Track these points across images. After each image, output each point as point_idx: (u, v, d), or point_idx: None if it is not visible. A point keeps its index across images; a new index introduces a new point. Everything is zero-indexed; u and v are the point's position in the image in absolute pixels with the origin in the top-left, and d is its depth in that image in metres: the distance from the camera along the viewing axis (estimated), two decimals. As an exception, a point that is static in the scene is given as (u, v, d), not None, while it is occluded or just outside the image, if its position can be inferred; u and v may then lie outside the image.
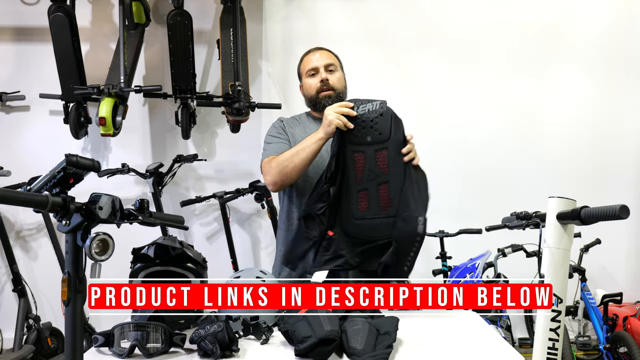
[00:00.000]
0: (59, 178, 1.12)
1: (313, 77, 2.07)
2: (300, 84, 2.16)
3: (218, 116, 3.74)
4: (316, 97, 2.06)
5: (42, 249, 3.73)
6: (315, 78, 2.06)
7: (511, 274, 3.21)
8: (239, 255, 3.58)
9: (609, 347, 2.99)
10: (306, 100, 2.13)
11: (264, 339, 1.65)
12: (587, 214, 1.42)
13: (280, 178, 1.90)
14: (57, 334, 3.46)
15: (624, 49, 3.76)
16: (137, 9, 3.39)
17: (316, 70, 2.07)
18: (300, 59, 2.17)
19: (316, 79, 2.06)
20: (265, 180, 1.98)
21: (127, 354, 1.54)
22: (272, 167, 1.92)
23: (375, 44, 3.76)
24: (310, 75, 2.08)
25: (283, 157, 1.90)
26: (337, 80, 2.08)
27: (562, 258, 1.51)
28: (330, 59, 2.10)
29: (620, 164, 3.80)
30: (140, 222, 1.27)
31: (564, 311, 1.52)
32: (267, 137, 2.09)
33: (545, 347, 1.50)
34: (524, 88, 3.77)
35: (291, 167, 1.87)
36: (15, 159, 3.56)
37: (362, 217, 1.80)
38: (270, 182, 1.94)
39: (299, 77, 2.18)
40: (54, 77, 3.33)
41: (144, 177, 3.36)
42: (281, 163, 1.89)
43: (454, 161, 3.75)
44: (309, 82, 2.08)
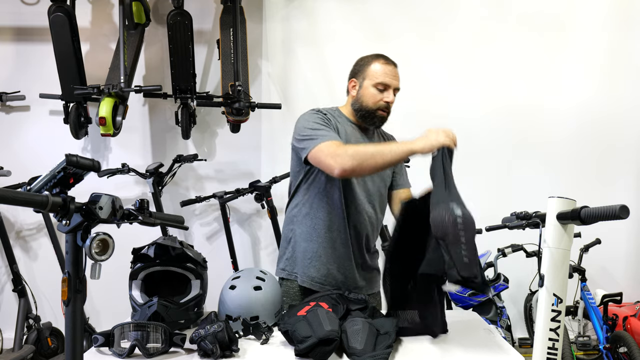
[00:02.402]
0: (59, 178, 1.12)
1: (379, 92, 1.97)
2: (355, 81, 2.03)
3: (218, 116, 3.74)
4: (373, 111, 1.98)
5: (42, 249, 3.73)
6: (381, 94, 1.97)
7: (511, 274, 3.21)
8: (239, 255, 3.58)
9: (609, 347, 2.99)
10: (354, 102, 2.03)
11: (264, 339, 1.65)
12: (587, 214, 1.42)
13: (356, 167, 1.77)
14: (57, 334, 3.45)
15: (624, 48, 3.75)
16: (137, 9, 3.39)
17: (386, 87, 1.98)
18: (368, 59, 2.03)
19: (382, 96, 1.97)
20: (329, 162, 1.79)
21: (127, 354, 1.54)
22: (348, 154, 1.77)
23: (375, 44, 3.76)
24: (377, 87, 1.97)
25: (363, 149, 1.82)
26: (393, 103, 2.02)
27: (562, 258, 1.51)
28: (399, 82, 2.02)
29: (621, 164, 3.80)
30: (140, 222, 1.27)
31: (564, 311, 1.52)
32: (309, 123, 1.94)
33: (545, 347, 1.50)
34: (524, 88, 3.77)
35: (371, 163, 1.77)
36: (15, 159, 3.56)
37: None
38: (340, 166, 1.77)
39: (357, 73, 2.03)
40: (54, 77, 3.34)
41: (144, 177, 3.36)
42: (360, 154, 1.78)
43: (454, 161, 3.75)
44: (372, 93, 1.98)
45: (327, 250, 2.00)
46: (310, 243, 2.01)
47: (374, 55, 2.04)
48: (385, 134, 2.19)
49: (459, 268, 1.47)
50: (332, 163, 1.79)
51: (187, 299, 1.80)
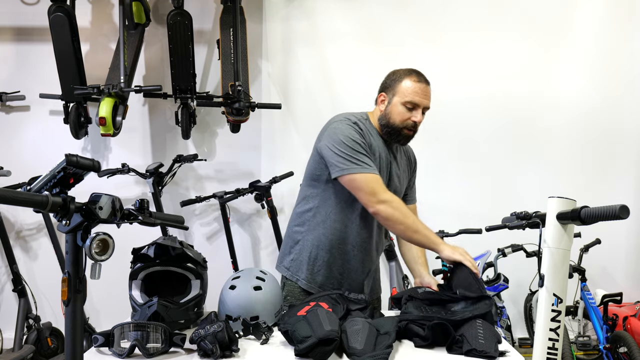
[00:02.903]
0: (59, 178, 1.12)
1: (408, 110, 1.93)
2: (384, 95, 1.99)
3: (218, 116, 3.74)
4: (399, 129, 1.95)
5: (42, 249, 3.73)
6: (409, 113, 1.93)
7: (511, 274, 3.20)
8: (239, 255, 3.58)
9: (609, 347, 2.99)
10: (382, 117, 1.99)
11: (264, 339, 1.65)
12: (587, 214, 1.42)
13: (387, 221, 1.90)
14: (57, 334, 3.46)
15: (625, 48, 3.75)
16: (137, 9, 3.39)
17: (416, 106, 1.94)
18: (401, 74, 1.97)
19: (410, 114, 1.93)
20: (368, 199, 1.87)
21: (127, 354, 1.54)
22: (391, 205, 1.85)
23: (375, 43, 3.76)
24: (406, 105, 1.93)
25: (402, 213, 1.87)
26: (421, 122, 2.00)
27: (562, 258, 1.51)
28: (429, 101, 1.98)
29: (621, 164, 3.80)
30: (140, 222, 1.27)
31: (564, 311, 1.52)
32: (347, 139, 1.90)
33: (545, 347, 1.50)
34: (524, 88, 3.77)
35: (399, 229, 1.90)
36: (15, 159, 3.56)
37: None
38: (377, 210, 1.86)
39: (387, 88, 1.99)
40: (54, 77, 3.33)
41: (144, 177, 3.36)
42: (397, 216, 1.85)
43: (454, 161, 3.75)
44: (400, 111, 1.94)
45: (337, 261, 2.01)
46: (322, 251, 2.01)
47: (407, 70, 1.99)
48: (407, 150, 2.18)
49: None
50: (371, 201, 1.87)
51: (187, 299, 1.80)
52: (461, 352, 1.52)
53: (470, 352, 1.50)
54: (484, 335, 1.53)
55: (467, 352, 1.51)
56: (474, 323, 1.59)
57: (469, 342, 1.51)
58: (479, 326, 1.57)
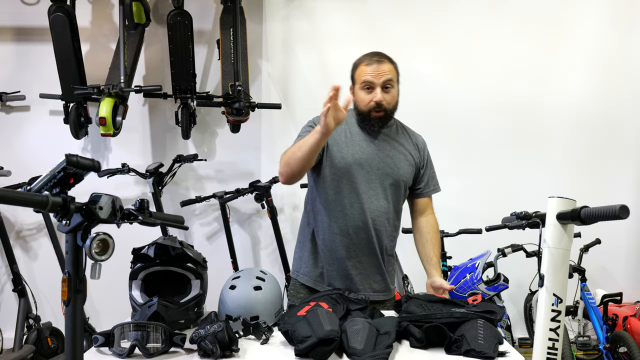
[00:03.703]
0: (59, 178, 1.12)
1: (367, 92, 1.90)
2: (352, 87, 1.99)
3: (218, 116, 3.74)
4: (367, 114, 1.92)
5: (42, 249, 3.73)
6: (369, 94, 1.90)
7: (511, 274, 3.20)
8: (239, 255, 3.58)
9: (609, 347, 2.99)
10: (355, 108, 2.00)
11: (264, 339, 1.65)
12: (587, 214, 1.42)
13: (289, 164, 1.82)
14: (57, 334, 3.46)
15: (625, 47, 3.75)
16: (137, 9, 3.39)
17: (372, 85, 1.89)
18: (357, 62, 1.97)
19: (370, 96, 1.89)
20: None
21: (127, 354, 1.54)
22: (282, 161, 1.85)
23: (375, 44, 3.75)
24: (364, 88, 1.91)
25: (289, 149, 1.85)
26: (391, 99, 1.92)
27: (562, 258, 1.51)
28: (389, 74, 1.90)
29: (621, 164, 3.80)
30: (140, 222, 1.27)
31: (563, 311, 1.52)
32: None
33: (545, 347, 1.50)
34: (524, 87, 3.77)
35: (296, 157, 1.80)
36: (15, 159, 3.56)
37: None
38: (279, 174, 1.87)
39: (352, 79, 1.99)
40: (54, 77, 3.33)
41: (144, 177, 3.36)
42: (287, 154, 1.84)
43: (455, 161, 3.75)
44: (361, 96, 1.92)
45: (334, 252, 2.00)
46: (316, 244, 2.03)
47: (360, 56, 1.99)
48: (411, 134, 2.10)
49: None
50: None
51: (187, 299, 1.80)
52: (460, 352, 1.52)
53: (468, 352, 1.51)
54: (484, 336, 1.53)
55: (466, 352, 1.51)
56: (475, 323, 1.59)
57: (468, 342, 1.52)
58: (480, 327, 1.57)
